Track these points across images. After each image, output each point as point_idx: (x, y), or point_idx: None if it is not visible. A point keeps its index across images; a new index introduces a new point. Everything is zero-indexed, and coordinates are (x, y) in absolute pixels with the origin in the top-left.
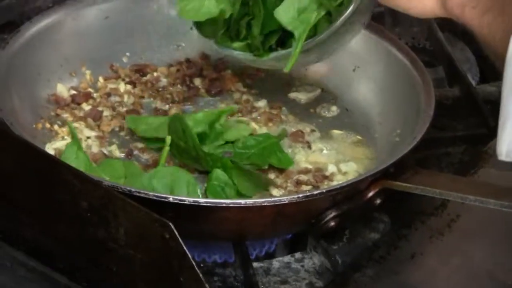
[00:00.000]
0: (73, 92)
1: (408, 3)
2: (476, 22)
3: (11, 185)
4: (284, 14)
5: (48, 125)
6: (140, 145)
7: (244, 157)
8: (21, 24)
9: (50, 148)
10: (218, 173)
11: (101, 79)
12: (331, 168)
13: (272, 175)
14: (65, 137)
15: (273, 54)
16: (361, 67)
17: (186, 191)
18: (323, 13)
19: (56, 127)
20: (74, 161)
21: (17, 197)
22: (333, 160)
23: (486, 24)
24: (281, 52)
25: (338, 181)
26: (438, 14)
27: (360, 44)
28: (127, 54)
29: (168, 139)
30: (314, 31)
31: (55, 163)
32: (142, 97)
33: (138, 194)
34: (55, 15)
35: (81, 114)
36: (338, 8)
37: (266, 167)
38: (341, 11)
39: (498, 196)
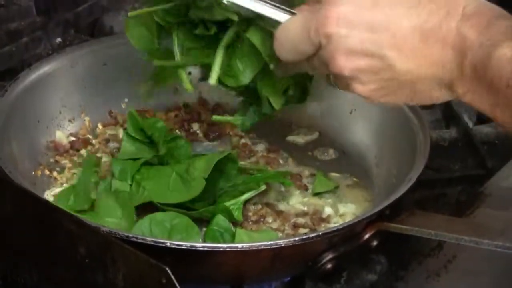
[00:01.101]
0: (72, 138)
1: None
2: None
3: (10, 231)
4: None
5: (47, 172)
6: None
7: None
8: (21, 71)
9: (50, 195)
10: (220, 218)
11: (100, 126)
12: (328, 211)
13: (269, 219)
14: (64, 184)
15: None
16: (358, 110)
17: (186, 235)
18: None
19: (55, 173)
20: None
21: (17, 243)
22: (330, 203)
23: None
24: None
25: (336, 223)
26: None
27: None
28: (126, 100)
29: None
30: None
31: (53, 210)
32: None
33: (135, 240)
34: (54, 62)
35: (80, 160)
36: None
37: (261, 207)
38: None
39: (493, 236)
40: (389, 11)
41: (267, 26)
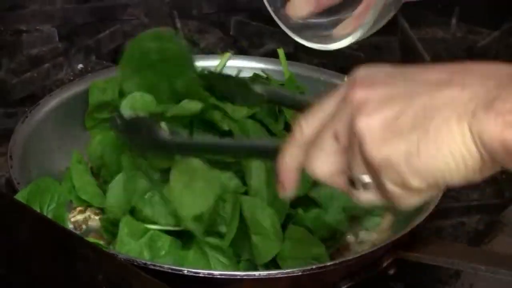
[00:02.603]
0: None
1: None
2: None
3: (28, 258)
4: None
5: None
6: None
7: None
8: (42, 97)
9: (69, 221)
10: None
11: None
12: (349, 238)
13: None
14: (84, 210)
15: None
16: None
17: None
18: None
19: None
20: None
21: (34, 270)
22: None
23: None
24: None
25: (355, 250)
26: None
27: None
28: None
29: None
30: None
31: (71, 237)
32: None
33: (153, 267)
34: (75, 88)
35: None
36: None
37: None
38: None
39: (509, 266)
40: None
41: None
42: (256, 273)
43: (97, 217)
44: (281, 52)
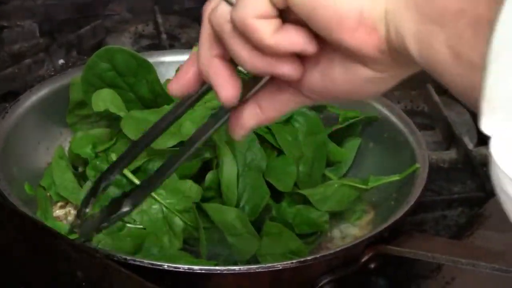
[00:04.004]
0: None
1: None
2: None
3: (10, 256)
4: None
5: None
6: None
7: None
8: (23, 93)
9: None
10: None
11: None
12: (336, 233)
13: None
14: (65, 205)
15: None
16: None
17: None
18: None
19: None
20: None
21: (13, 268)
22: (335, 224)
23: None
24: None
25: (337, 245)
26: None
27: (354, 109)
28: None
29: None
30: None
31: (51, 234)
32: None
33: (133, 262)
34: (55, 83)
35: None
36: None
37: None
38: None
39: (490, 259)
40: None
41: None
42: (237, 267)
43: None
44: None
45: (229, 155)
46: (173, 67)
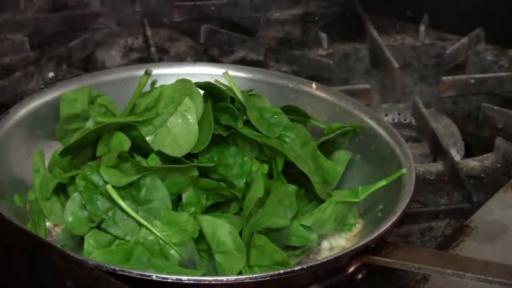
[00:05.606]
0: None
1: None
2: None
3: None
4: None
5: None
6: None
7: None
8: (12, 106)
9: None
10: None
11: None
12: (325, 244)
13: None
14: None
15: None
16: None
17: None
18: None
19: None
20: None
21: (3, 278)
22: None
23: None
24: None
25: (325, 256)
26: None
27: (341, 121)
28: None
29: None
30: None
31: (40, 244)
32: None
33: (121, 273)
34: (45, 96)
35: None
36: None
37: None
38: None
39: (475, 269)
40: None
41: None
42: (225, 278)
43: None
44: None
45: None
46: (162, 80)
